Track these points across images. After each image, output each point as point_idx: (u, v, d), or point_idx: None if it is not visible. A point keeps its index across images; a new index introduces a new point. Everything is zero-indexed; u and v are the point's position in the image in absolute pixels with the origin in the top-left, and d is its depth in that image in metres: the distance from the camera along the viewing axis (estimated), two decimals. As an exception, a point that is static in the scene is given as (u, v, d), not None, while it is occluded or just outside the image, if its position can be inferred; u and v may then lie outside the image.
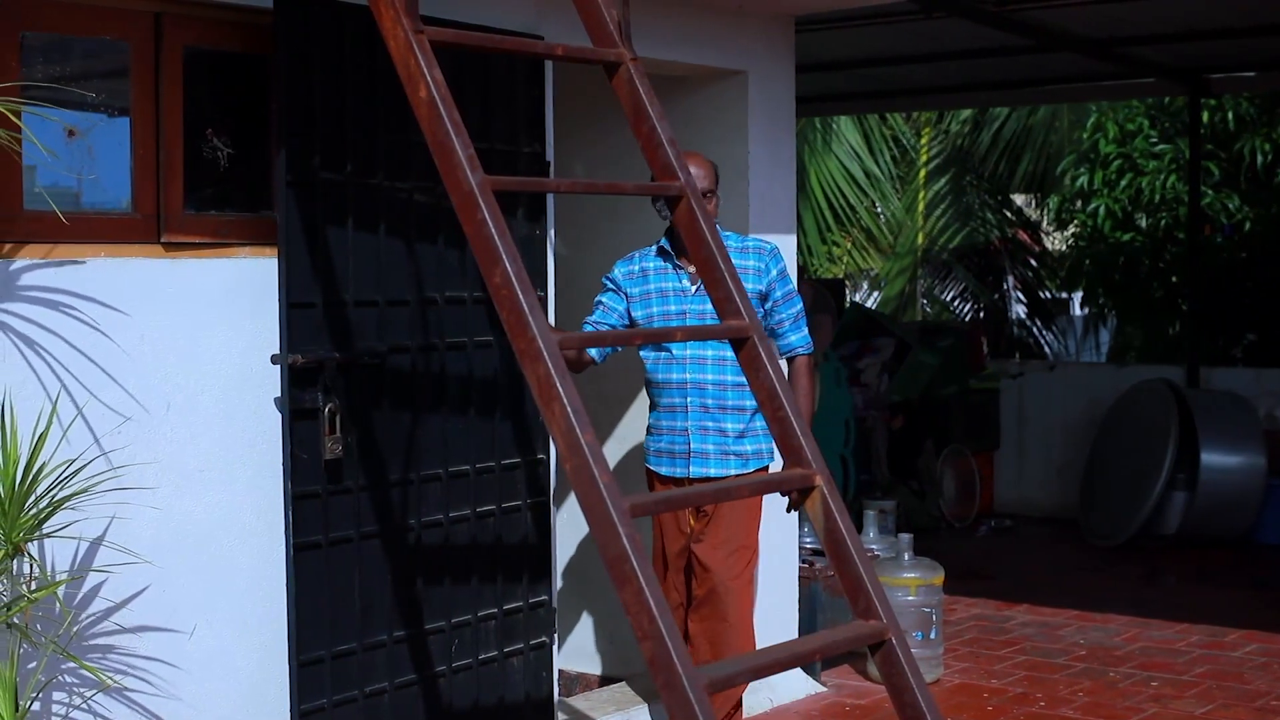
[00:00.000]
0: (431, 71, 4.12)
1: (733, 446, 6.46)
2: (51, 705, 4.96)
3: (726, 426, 6.44)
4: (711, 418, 6.44)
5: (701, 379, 6.41)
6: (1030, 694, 7.73)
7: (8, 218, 4.89)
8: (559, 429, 3.82)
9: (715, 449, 6.45)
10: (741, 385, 6.27)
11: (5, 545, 4.55)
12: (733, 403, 6.42)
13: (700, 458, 6.47)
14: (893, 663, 4.08)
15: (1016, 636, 8.90)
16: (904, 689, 4.05)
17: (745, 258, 6.40)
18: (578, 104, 7.52)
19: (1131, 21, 9.74)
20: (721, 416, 6.44)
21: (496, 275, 3.95)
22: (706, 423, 6.45)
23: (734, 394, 6.39)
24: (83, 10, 5.11)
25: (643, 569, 3.69)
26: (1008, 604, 9.68)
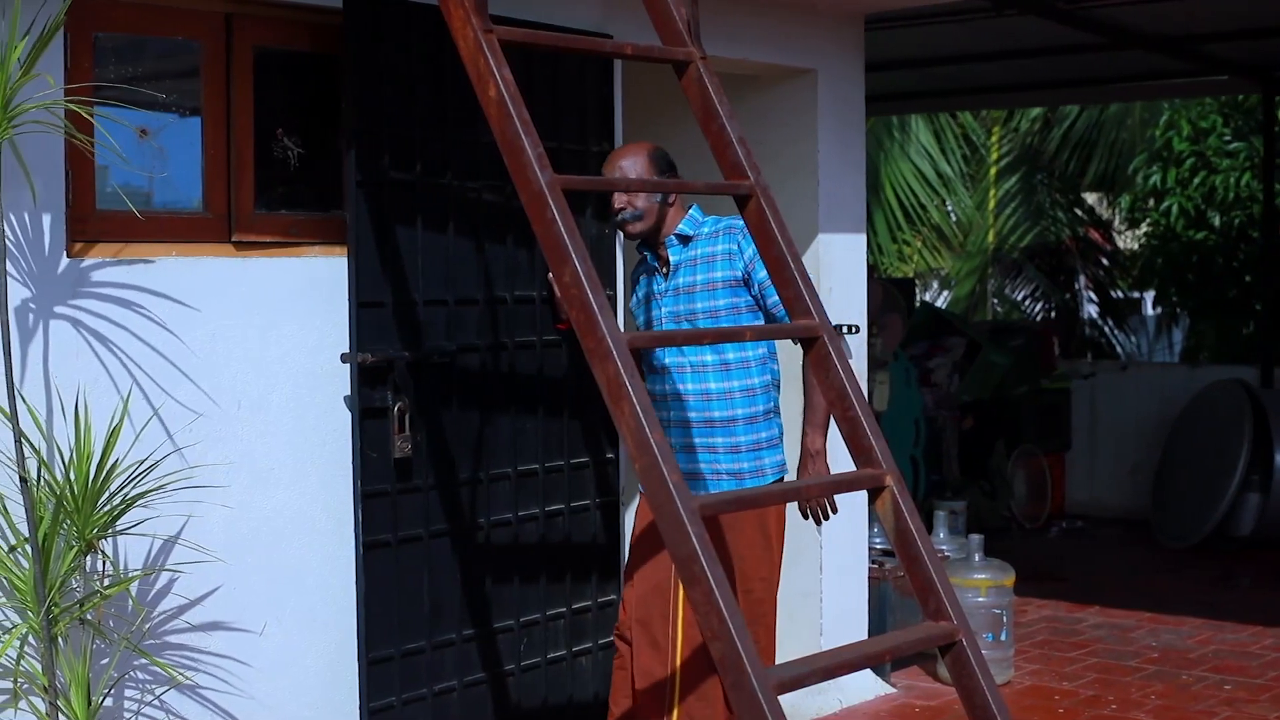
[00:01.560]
0: (501, 71, 4.13)
1: (724, 464, 5.61)
2: (124, 701, 4.99)
3: (715, 442, 5.62)
4: (697, 433, 5.65)
5: (681, 390, 5.63)
6: (1102, 696, 7.67)
7: (81, 217, 4.93)
8: (628, 428, 3.82)
9: (706, 468, 5.62)
10: (729, 394, 5.56)
11: (79, 542, 4.58)
12: (719, 414, 5.59)
13: (689, 479, 5.52)
14: (963, 664, 4.05)
15: (1088, 638, 8.84)
16: (974, 690, 4.03)
17: (714, 244, 5.58)
18: (647, 103, 7.51)
19: (1204, 18, 9.66)
20: (708, 431, 5.61)
21: (566, 274, 3.95)
22: (692, 439, 5.65)
23: (720, 404, 5.58)
24: (154, 11, 5.13)
25: (712, 569, 3.68)
26: (1079, 606, 9.62)
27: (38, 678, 4.59)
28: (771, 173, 5.91)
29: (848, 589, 7.71)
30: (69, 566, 4.58)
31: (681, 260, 5.61)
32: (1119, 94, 14.92)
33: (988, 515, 11.90)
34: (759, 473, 5.63)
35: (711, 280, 5.53)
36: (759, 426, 5.62)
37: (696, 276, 5.56)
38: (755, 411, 5.60)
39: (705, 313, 5.52)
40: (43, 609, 4.48)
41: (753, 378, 5.59)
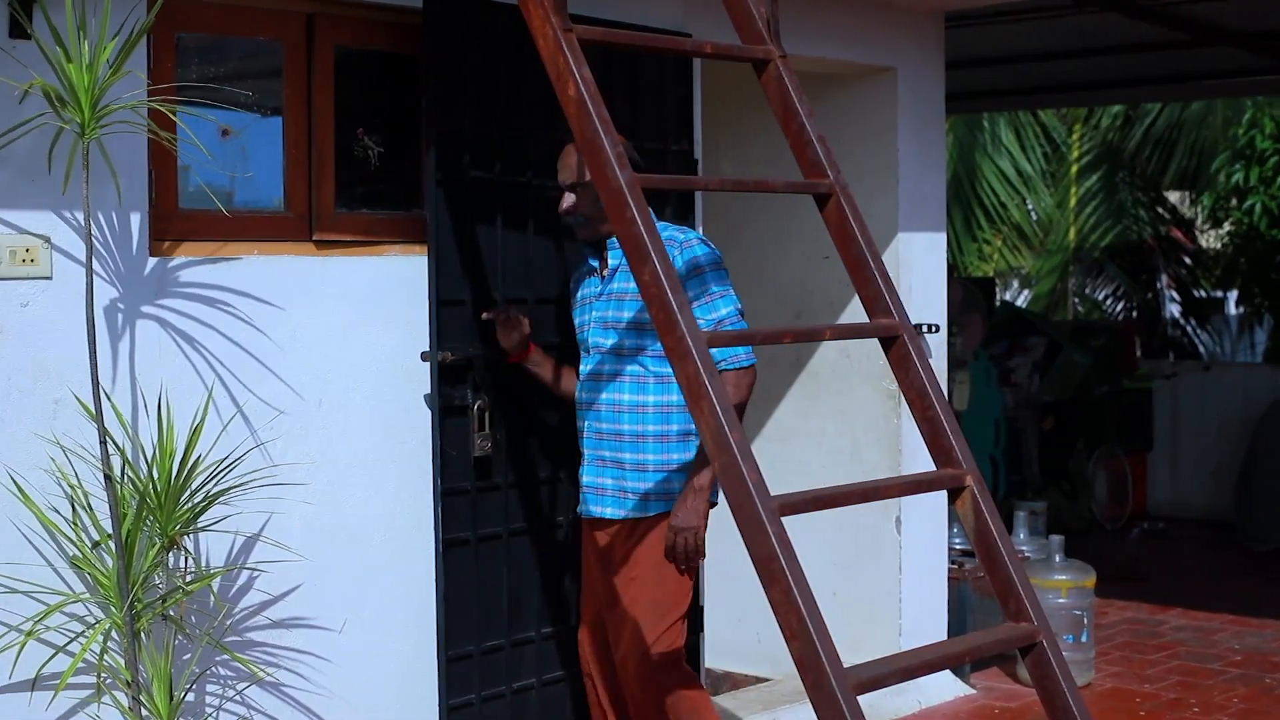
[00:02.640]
0: (580, 70, 4.13)
1: (630, 482, 5.26)
2: (205, 697, 5.02)
3: (624, 458, 5.26)
4: (607, 446, 5.29)
5: (595, 399, 5.31)
6: (1184, 699, 7.61)
7: (164, 216, 4.97)
8: (707, 426, 3.81)
9: (613, 484, 5.29)
10: (641, 408, 5.23)
11: (162, 539, 4.62)
12: (629, 427, 5.24)
13: (595, 493, 5.35)
14: (1044, 666, 4.03)
15: (1170, 641, 8.77)
16: (1055, 693, 4.00)
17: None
18: (726, 101, 7.51)
19: (1289, 15, 9.56)
20: (617, 445, 5.26)
21: (645, 273, 3.95)
22: (602, 452, 5.31)
23: (630, 417, 5.24)
24: (237, 11, 5.17)
25: (791, 568, 3.67)
26: (1161, 608, 9.54)
27: (121, 672, 4.63)
28: (851, 171, 5.89)
29: (927, 589, 7.68)
30: (152, 563, 4.62)
31: (620, 264, 5.27)
32: (1201, 91, 14.80)
33: (1068, 516, 11.82)
34: (665, 496, 5.24)
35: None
36: (671, 447, 5.23)
37: (630, 283, 5.15)
38: (669, 430, 5.23)
39: (632, 323, 5.21)
40: (126, 605, 4.52)
41: (671, 394, 5.19)
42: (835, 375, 7.69)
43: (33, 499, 4.59)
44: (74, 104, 4.39)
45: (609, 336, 5.26)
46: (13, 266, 4.58)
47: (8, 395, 4.59)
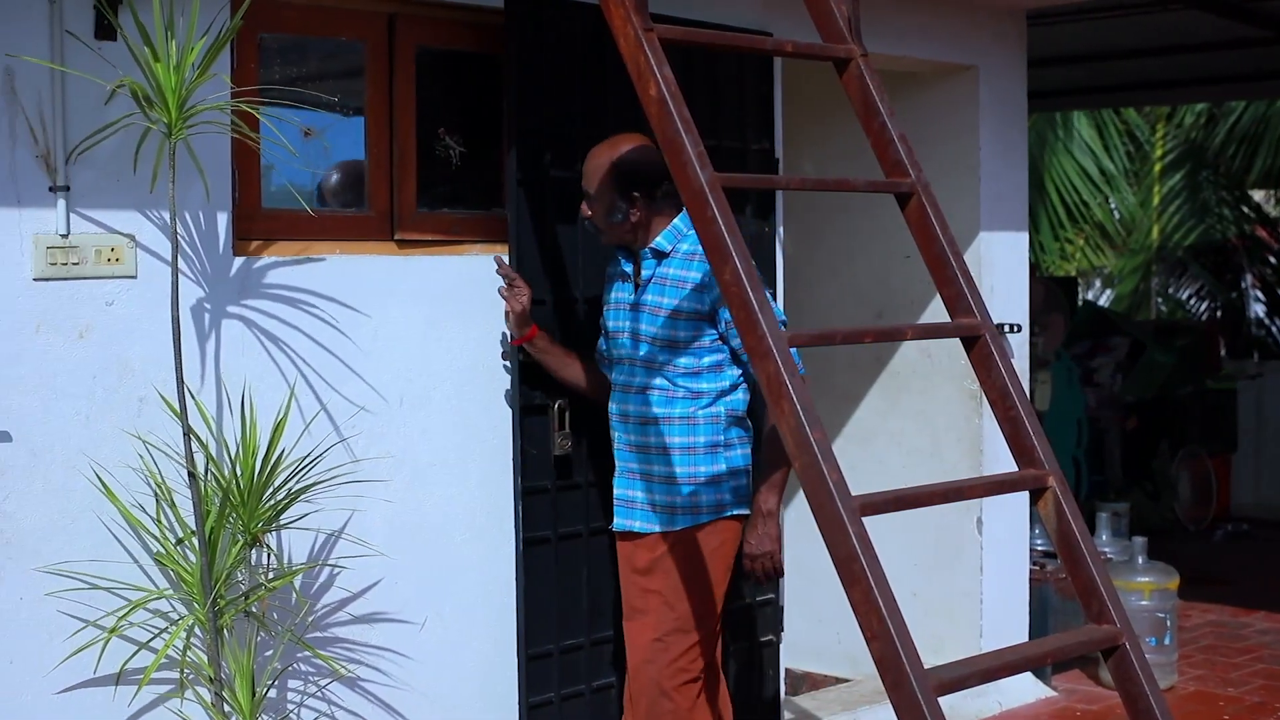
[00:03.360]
0: (661, 69, 4.13)
1: (659, 495, 5.16)
2: (287, 693, 5.05)
3: (652, 470, 5.17)
4: (637, 459, 5.21)
5: (626, 410, 5.22)
6: (1268, 703, 7.54)
7: (248, 216, 5.00)
8: (788, 427, 3.80)
9: (642, 497, 5.20)
10: (668, 419, 5.12)
11: (244, 536, 4.65)
12: (656, 441, 5.15)
13: (625, 506, 5.26)
14: (1126, 668, 4.00)
15: (1254, 644, 8.69)
16: (1138, 696, 3.97)
17: (689, 267, 5.10)
18: (806, 100, 7.49)
19: (1379, 11, 9.45)
20: (646, 458, 5.17)
21: (727, 272, 3.95)
22: (631, 464, 5.23)
23: (657, 430, 5.14)
24: (319, 12, 5.20)
25: (872, 569, 3.66)
26: (1245, 610, 9.46)
27: (204, 668, 4.67)
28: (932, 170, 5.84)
29: (1008, 591, 7.64)
30: (235, 559, 4.65)
31: (652, 277, 5.15)
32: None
33: (1151, 517, 11.73)
34: (693, 510, 5.13)
35: (677, 309, 5.09)
36: (699, 459, 5.12)
37: (663, 299, 5.11)
38: (695, 443, 5.12)
39: (664, 340, 5.10)
40: (209, 601, 4.55)
41: (698, 406, 5.10)
42: (916, 375, 7.66)
43: (118, 495, 4.63)
44: (161, 104, 4.42)
45: (640, 349, 5.16)
46: (99, 266, 4.63)
47: (93, 393, 4.64)
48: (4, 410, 4.47)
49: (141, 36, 4.41)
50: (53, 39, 4.51)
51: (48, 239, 4.53)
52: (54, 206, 4.54)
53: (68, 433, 4.59)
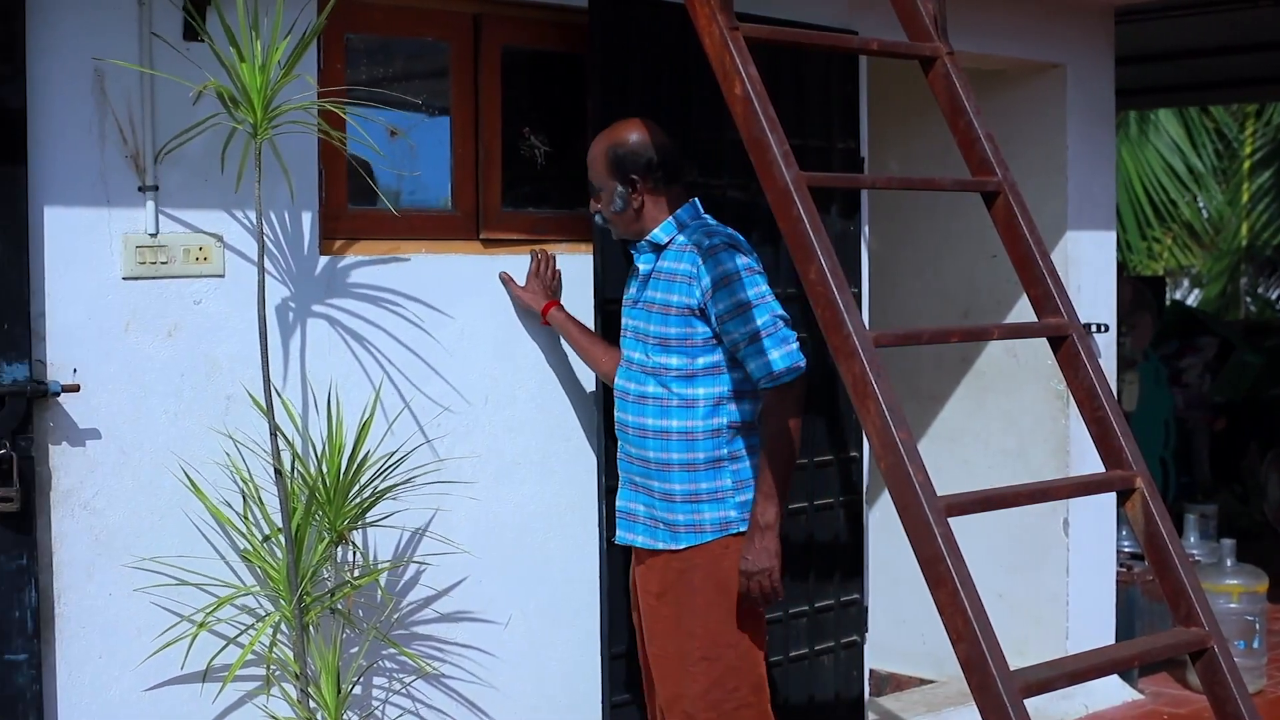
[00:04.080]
0: (746, 68, 4.12)
1: (659, 511, 4.87)
2: (372, 690, 5.08)
3: (652, 485, 4.89)
4: (637, 470, 4.94)
5: (624, 419, 4.96)
6: (1359, 707, 7.46)
7: (333, 215, 5.03)
8: (874, 427, 3.79)
9: (644, 511, 4.93)
10: (665, 433, 4.82)
11: (330, 533, 4.67)
12: (655, 454, 4.85)
13: (626, 519, 5.01)
14: (1214, 672, 3.96)
15: (1345, 648, 8.59)
16: (1226, 699, 3.94)
17: (680, 259, 4.82)
18: (892, 99, 7.46)
19: None
20: (645, 471, 4.89)
21: (811, 271, 3.94)
22: (634, 476, 4.96)
23: (656, 443, 4.84)
24: (405, 12, 5.22)
25: (958, 570, 3.65)
26: (1336, 614, 9.36)
27: (290, 665, 4.70)
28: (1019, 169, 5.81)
29: (1095, 593, 7.58)
30: (320, 557, 4.67)
31: (650, 271, 4.91)
32: (1380, 86, 14.47)
33: (1240, 519, 11.61)
34: (695, 528, 4.82)
35: (668, 304, 4.81)
36: (699, 475, 4.80)
37: (657, 294, 4.85)
38: (695, 459, 4.80)
39: (656, 338, 4.84)
40: (295, 598, 4.58)
41: (696, 419, 4.79)
42: (1002, 375, 7.62)
43: (205, 493, 4.67)
44: (246, 104, 4.45)
45: (636, 349, 4.92)
46: (186, 265, 4.66)
47: (181, 391, 4.67)
48: (94, 408, 4.52)
49: (227, 38, 4.44)
50: (141, 41, 4.55)
51: (137, 238, 4.57)
52: (143, 206, 4.58)
53: (156, 430, 4.63)
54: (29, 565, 4.37)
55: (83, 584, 4.52)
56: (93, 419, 4.53)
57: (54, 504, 4.47)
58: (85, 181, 4.49)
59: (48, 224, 4.43)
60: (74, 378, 4.47)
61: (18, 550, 4.35)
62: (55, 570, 4.47)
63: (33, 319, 4.38)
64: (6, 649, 4.34)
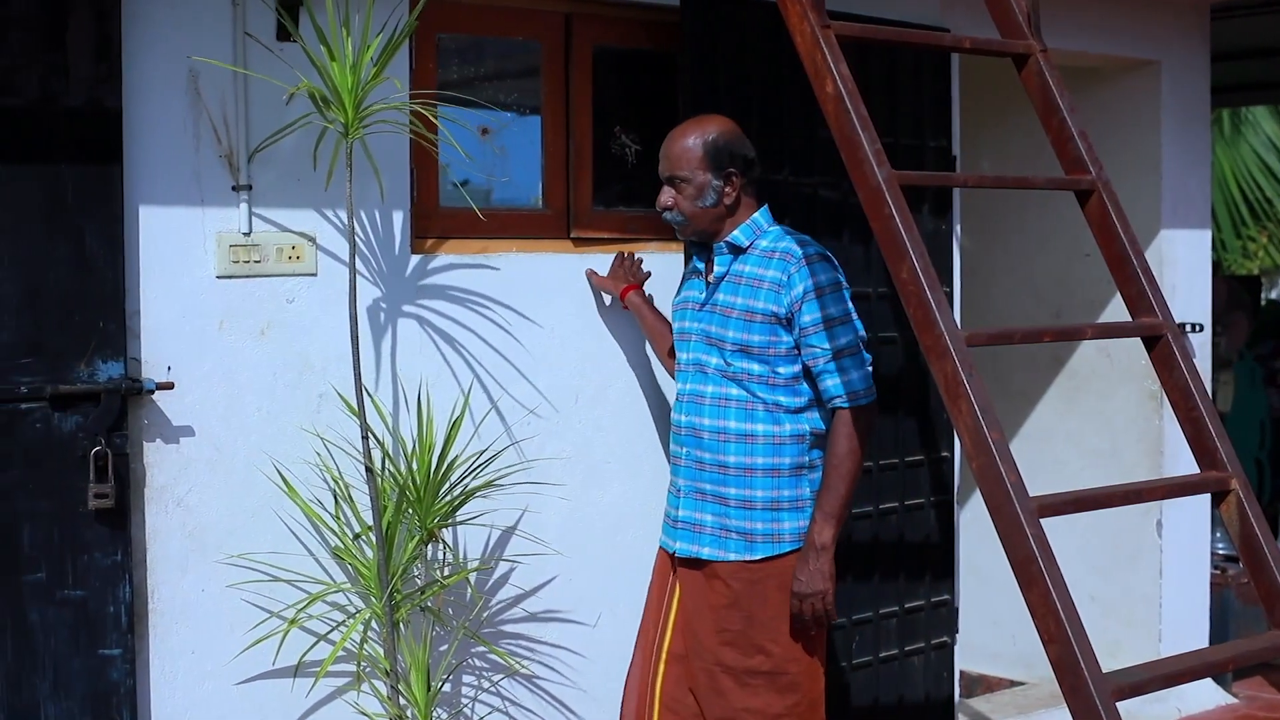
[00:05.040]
0: (838, 66, 4.11)
1: (734, 520, 4.67)
2: (461, 687, 5.09)
3: (728, 492, 4.68)
4: (708, 478, 4.72)
5: (697, 424, 4.75)
6: None
7: (425, 215, 5.05)
8: (965, 426, 3.77)
9: (713, 521, 4.71)
10: (750, 437, 4.66)
11: (420, 531, 4.69)
12: (735, 459, 4.67)
13: (690, 530, 4.76)
14: (1312, 676, 3.92)
15: None
16: (1324, 703, 3.89)
17: (767, 265, 4.67)
18: (984, 96, 7.42)
19: None
20: (721, 478, 4.69)
21: (903, 270, 3.92)
22: (702, 484, 4.73)
23: (738, 448, 4.67)
24: (496, 12, 5.23)
25: (1050, 571, 3.62)
26: None
27: (380, 661, 4.72)
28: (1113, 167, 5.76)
29: (1188, 595, 7.52)
30: (410, 555, 4.69)
31: (727, 274, 4.74)
32: None
33: (1337, 521, 11.49)
34: (774, 538, 4.66)
35: (751, 310, 4.65)
36: (782, 482, 4.66)
37: (737, 299, 4.69)
38: (779, 464, 4.65)
39: (735, 345, 4.67)
40: (385, 595, 4.60)
41: (782, 424, 4.65)
42: (1095, 375, 7.57)
43: (297, 490, 4.70)
44: (338, 104, 4.48)
45: (712, 354, 4.73)
46: (279, 263, 4.69)
47: (274, 389, 4.70)
48: (188, 406, 4.56)
49: (318, 37, 4.46)
50: (235, 41, 4.58)
51: (230, 237, 4.60)
52: (236, 205, 4.62)
53: (249, 428, 4.67)
54: (123, 561, 4.41)
55: (176, 580, 4.56)
56: (186, 416, 4.56)
57: (148, 500, 4.51)
58: (180, 181, 4.53)
59: (143, 223, 4.47)
60: (168, 376, 4.51)
61: (113, 546, 4.39)
62: (149, 566, 4.51)
63: (128, 317, 4.42)
64: (101, 644, 4.38)
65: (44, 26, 4.25)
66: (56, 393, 4.29)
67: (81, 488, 4.33)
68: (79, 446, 4.33)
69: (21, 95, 4.24)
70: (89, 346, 4.34)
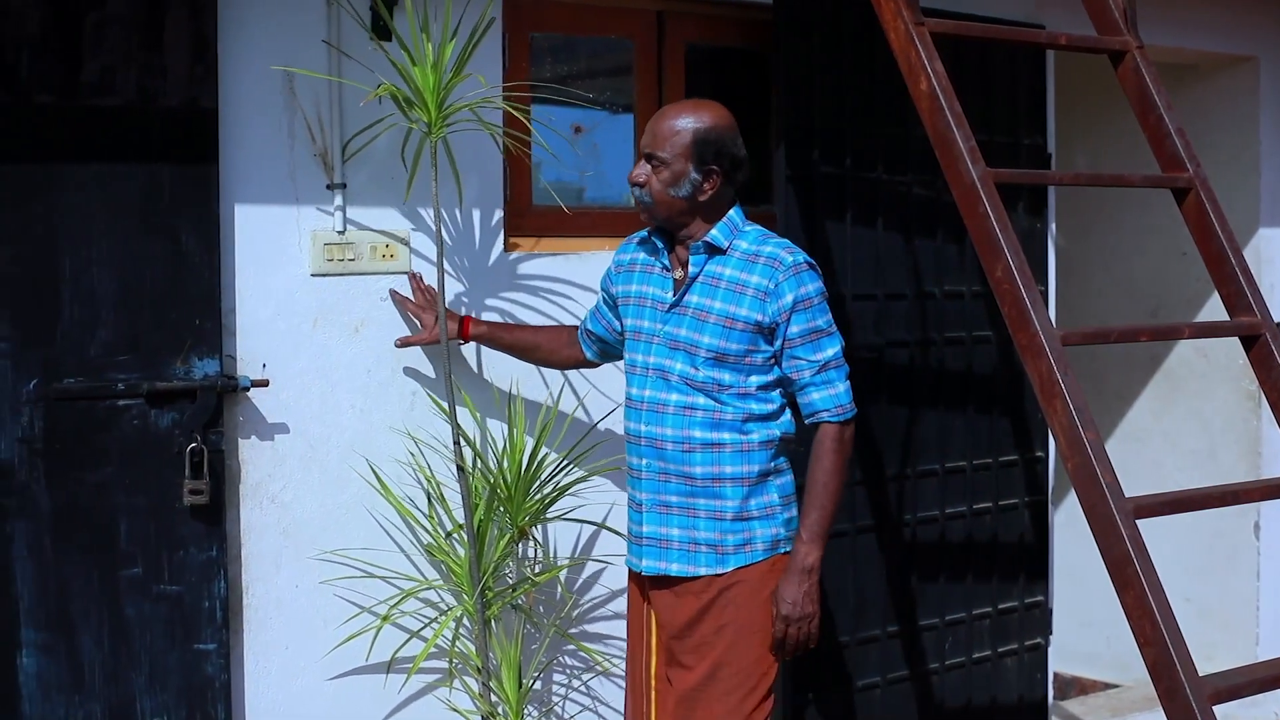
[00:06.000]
0: (932, 64, 4.09)
1: (703, 532, 4.28)
2: (552, 685, 5.10)
3: (696, 504, 4.28)
4: (675, 490, 4.30)
5: (659, 434, 4.30)
6: None
7: (518, 213, 5.06)
8: (1060, 426, 3.75)
9: (680, 535, 4.31)
10: (717, 446, 4.26)
11: (512, 529, 4.70)
12: (702, 469, 4.26)
13: (656, 546, 4.34)
14: None
15: None
16: None
17: (750, 269, 4.23)
18: (1079, 94, 7.37)
19: None
20: (688, 489, 4.29)
21: (998, 269, 3.90)
22: (667, 497, 4.31)
23: (704, 457, 4.26)
24: (588, 10, 5.24)
25: (1145, 572, 3.59)
26: None
27: (471, 658, 4.73)
28: (1210, 164, 5.71)
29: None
30: (502, 552, 4.70)
31: (701, 274, 4.28)
32: None
33: None
34: (745, 547, 4.28)
35: (731, 316, 4.22)
36: (752, 490, 4.28)
37: (714, 302, 4.25)
38: (748, 472, 4.27)
39: (711, 351, 4.22)
40: (477, 592, 4.61)
41: (749, 432, 4.27)
42: (1192, 375, 7.50)
43: (390, 488, 4.72)
44: (421, 104, 4.49)
45: (677, 359, 4.28)
46: (373, 261, 4.72)
47: (367, 388, 4.73)
48: (283, 403, 4.59)
49: (397, 41, 4.49)
50: (330, 40, 4.60)
51: (325, 235, 4.63)
52: (331, 204, 4.64)
53: (343, 425, 4.69)
54: (218, 556, 4.45)
55: (270, 576, 4.59)
56: (281, 414, 4.59)
57: (243, 497, 4.54)
58: (275, 180, 4.56)
59: (238, 221, 4.50)
60: (263, 373, 4.54)
61: (208, 542, 4.43)
62: (243, 562, 4.55)
63: (223, 315, 4.46)
64: (196, 638, 4.42)
65: (142, 27, 4.29)
66: (153, 390, 4.33)
67: (177, 484, 4.37)
68: (175, 443, 4.37)
69: (120, 95, 4.28)
70: (185, 344, 4.38)
